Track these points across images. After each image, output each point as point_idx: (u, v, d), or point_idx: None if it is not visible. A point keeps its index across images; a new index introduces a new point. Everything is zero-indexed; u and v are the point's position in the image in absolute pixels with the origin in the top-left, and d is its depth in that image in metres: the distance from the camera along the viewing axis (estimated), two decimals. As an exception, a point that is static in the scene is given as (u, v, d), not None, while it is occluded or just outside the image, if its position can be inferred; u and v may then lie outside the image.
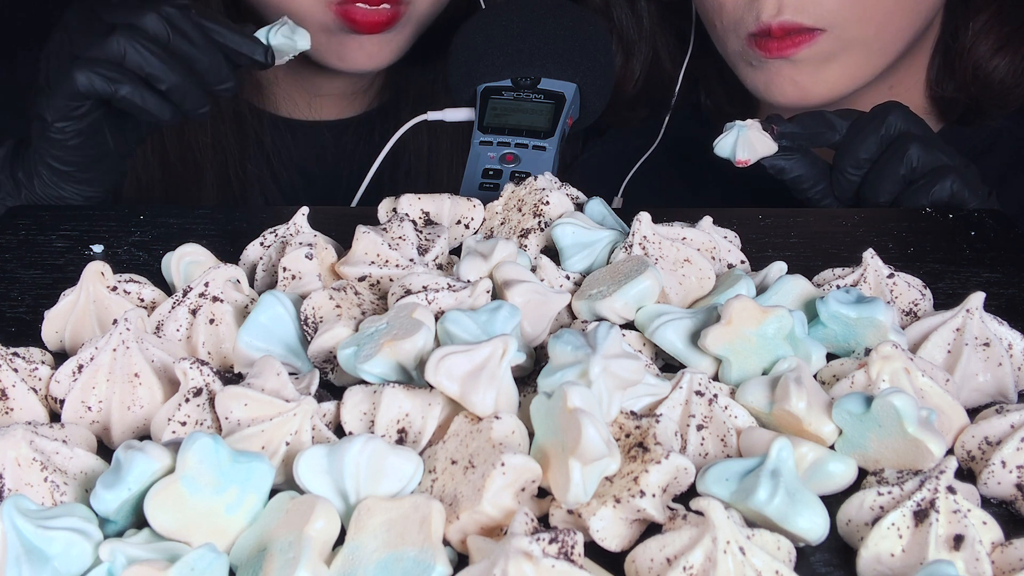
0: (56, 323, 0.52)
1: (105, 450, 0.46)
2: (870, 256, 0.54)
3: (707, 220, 0.57)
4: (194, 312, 0.50)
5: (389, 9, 0.84)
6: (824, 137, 0.72)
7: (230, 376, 0.46)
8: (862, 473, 0.43)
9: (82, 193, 0.74)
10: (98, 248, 0.62)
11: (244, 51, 0.73)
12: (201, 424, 0.44)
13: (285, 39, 0.74)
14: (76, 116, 0.70)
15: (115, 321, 0.47)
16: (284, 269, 0.52)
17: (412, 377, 0.44)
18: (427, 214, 0.59)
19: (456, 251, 0.58)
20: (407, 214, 0.57)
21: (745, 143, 0.70)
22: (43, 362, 0.49)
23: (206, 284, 0.51)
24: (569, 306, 0.52)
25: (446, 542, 0.39)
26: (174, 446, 0.40)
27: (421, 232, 0.56)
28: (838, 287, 0.52)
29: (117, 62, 0.69)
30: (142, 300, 0.53)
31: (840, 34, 0.80)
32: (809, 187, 0.72)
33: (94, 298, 0.51)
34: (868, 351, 0.47)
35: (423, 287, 0.49)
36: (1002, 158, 0.89)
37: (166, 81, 0.69)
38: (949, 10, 0.87)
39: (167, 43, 0.70)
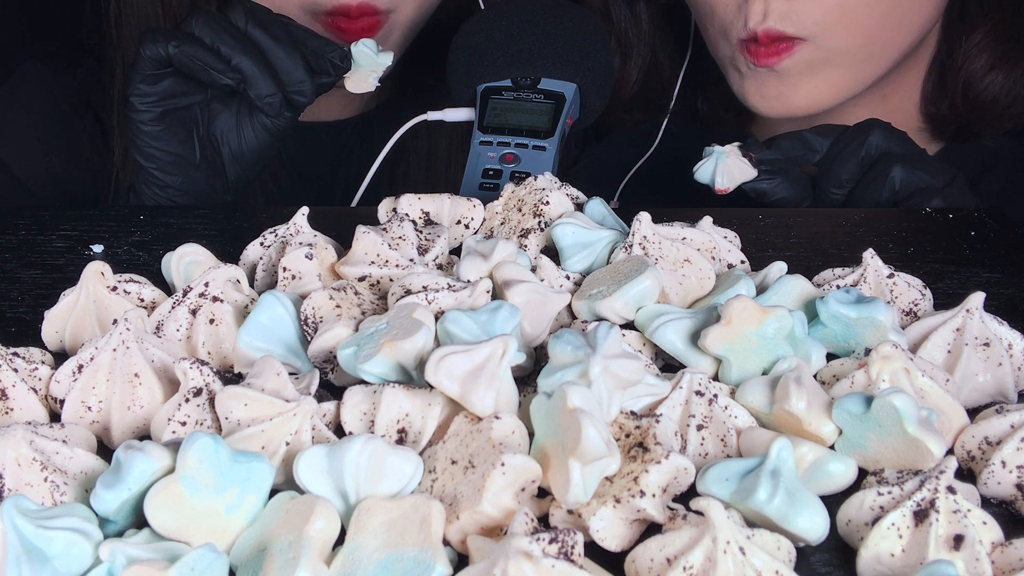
0: (56, 323, 0.52)
1: (105, 450, 0.46)
2: (870, 256, 0.54)
3: (707, 220, 0.57)
4: (194, 312, 0.50)
5: (369, 19, 0.84)
6: (804, 159, 0.72)
7: (230, 376, 0.46)
8: (862, 473, 0.43)
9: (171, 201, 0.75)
10: (98, 248, 0.62)
11: (323, 51, 0.74)
12: (201, 424, 0.44)
13: (366, 49, 0.75)
14: (150, 93, 0.71)
15: (115, 321, 0.47)
16: (284, 269, 0.52)
17: (412, 377, 0.44)
18: (427, 214, 0.59)
19: (456, 251, 0.58)
20: (407, 214, 0.57)
21: (724, 171, 0.70)
22: (43, 362, 0.49)
23: (206, 284, 0.51)
24: (569, 306, 0.52)
25: (446, 542, 0.39)
26: (174, 446, 0.40)
27: (421, 232, 0.56)
28: (838, 287, 0.52)
29: (187, 32, 0.70)
30: (142, 300, 0.53)
31: (822, 44, 0.79)
32: (793, 207, 0.72)
33: (94, 298, 0.51)
34: (868, 351, 0.47)
35: (423, 287, 0.49)
36: (1003, 176, 0.89)
37: (233, 57, 0.70)
38: (946, 26, 0.87)
39: (244, 28, 0.71)
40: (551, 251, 0.56)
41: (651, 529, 0.40)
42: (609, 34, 0.94)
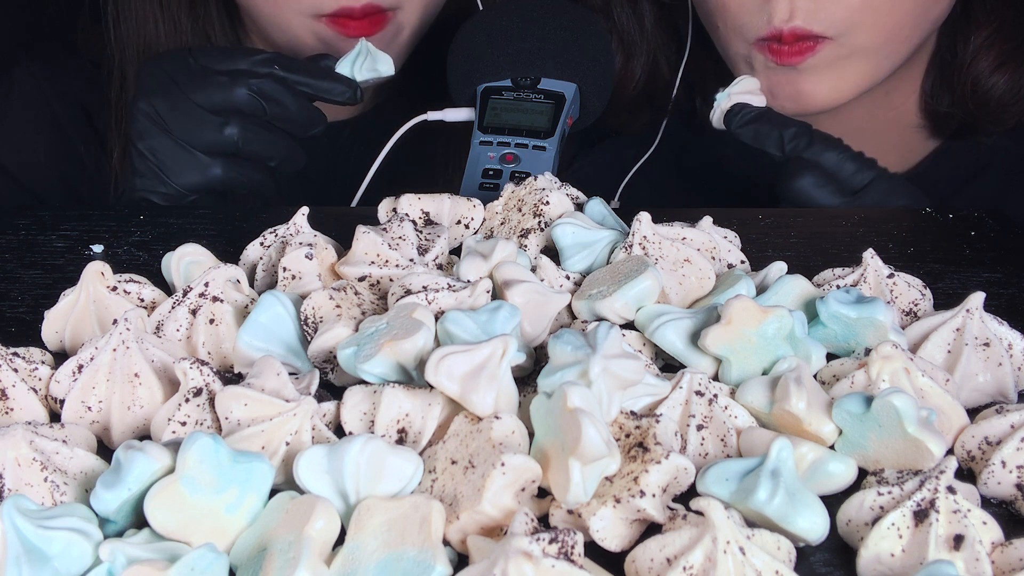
0: (56, 323, 0.52)
1: (105, 450, 0.46)
2: (870, 256, 0.54)
3: (707, 220, 0.57)
4: (194, 312, 0.50)
5: (373, 17, 0.84)
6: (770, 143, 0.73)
7: (230, 376, 0.46)
8: (862, 473, 0.43)
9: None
10: (98, 248, 0.62)
11: (336, 97, 0.75)
12: (201, 424, 0.44)
13: (369, 73, 0.76)
14: (193, 199, 0.73)
15: (115, 321, 0.47)
16: (284, 269, 0.52)
17: (412, 377, 0.44)
18: (427, 214, 0.59)
19: (456, 251, 0.58)
20: (407, 214, 0.57)
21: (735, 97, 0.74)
22: (43, 362, 0.49)
23: (206, 284, 0.51)
24: (569, 306, 0.52)
25: (446, 542, 0.39)
26: (174, 446, 0.40)
27: (421, 232, 0.56)
28: (838, 287, 0.52)
29: (233, 152, 0.71)
30: (142, 300, 0.53)
31: (846, 41, 0.79)
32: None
33: (94, 298, 0.51)
34: (868, 351, 0.47)
35: (423, 287, 0.49)
36: (1000, 176, 0.89)
37: (276, 158, 0.73)
38: (947, 24, 0.87)
39: (265, 117, 0.72)
40: (551, 251, 0.56)
41: (651, 529, 0.40)
42: (610, 33, 0.93)
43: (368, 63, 0.76)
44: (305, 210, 0.56)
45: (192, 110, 0.71)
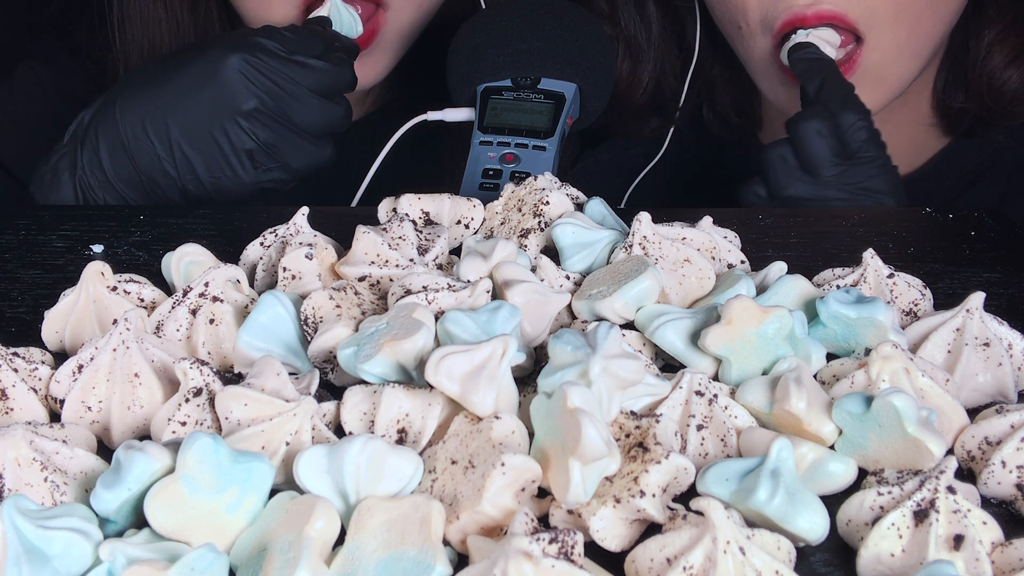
0: (56, 323, 0.52)
1: (105, 450, 0.46)
2: (870, 256, 0.54)
3: (707, 220, 0.57)
4: (194, 312, 0.50)
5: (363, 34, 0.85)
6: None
7: (230, 376, 0.47)
8: (862, 473, 0.43)
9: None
10: (98, 248, 0.62)
11: (351, 56, 0.79)
12: (201, 424, 0.44)
13: (356, 29, 0.81)
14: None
15: (115, 321, 0.47)
16: (284, 269, 0.52)
17: (412, 377, 0.44)
18: (427, 214, 0.59)
19: (456, 251, 0.58)
20: (407, 214, 0.57)
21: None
22: (43, 362, 0.49)
23: (206, 284, 0.51)
24: (569, 306, 0.52)
25: (446, 542, 0.39)
26: (174, 446, 0.40)
27: (421, 232, 0.56)
28: (838, 287, 0.52)
29: (339, 130, 0.76)
30: (142, 300, 0.53)
31: (878, 44, 0.78)
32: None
33: (94, 298, 0.51)
34: (868, 351, 0.47)
35: (423, 287, 0.49)
36: (1004, 177, 0.89)
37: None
38: (959, 21, 0.87)
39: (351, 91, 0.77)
40: (551, 251, 0.56)
41: (651, 529, 0.40)
42: (617, 40, 0.93)
43: (352, 19, 0.79)
44: (305, 210, 0.56)
45: (312, 100, 0.74)
